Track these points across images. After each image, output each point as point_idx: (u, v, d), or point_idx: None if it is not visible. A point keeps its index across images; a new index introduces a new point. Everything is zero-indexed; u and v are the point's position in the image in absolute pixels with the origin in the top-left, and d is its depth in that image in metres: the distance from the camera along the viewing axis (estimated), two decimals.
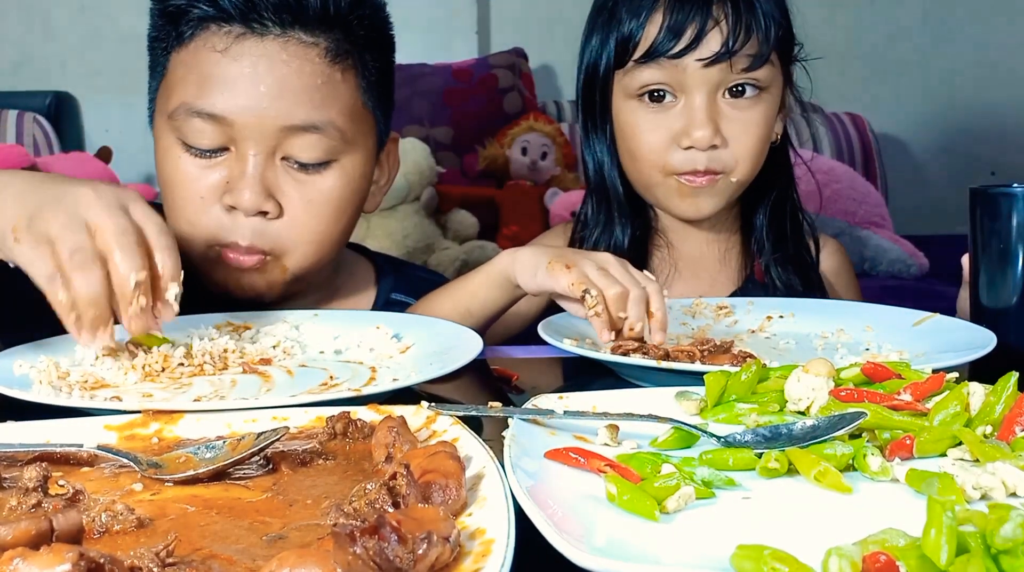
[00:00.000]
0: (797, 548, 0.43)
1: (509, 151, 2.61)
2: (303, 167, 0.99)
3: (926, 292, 2.01)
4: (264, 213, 0.97)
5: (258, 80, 0.95)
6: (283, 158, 0.98)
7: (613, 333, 0.87)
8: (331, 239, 1.03)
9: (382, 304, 1.16)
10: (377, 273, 1.21)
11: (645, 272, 0.92)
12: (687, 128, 1.10)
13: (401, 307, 1.12)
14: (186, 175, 0.98)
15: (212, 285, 1.03)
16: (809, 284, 1.23)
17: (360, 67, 1.02)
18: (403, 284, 1.19)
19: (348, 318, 0.98)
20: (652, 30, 1.10)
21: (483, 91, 2.70)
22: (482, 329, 0.99)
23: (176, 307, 0.79)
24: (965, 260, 0.97)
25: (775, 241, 1.22)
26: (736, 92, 1.11)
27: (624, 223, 1.21)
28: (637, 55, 1.11)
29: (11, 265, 0.79)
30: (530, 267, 0.94)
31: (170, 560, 0.42)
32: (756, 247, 1.23)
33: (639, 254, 1.22)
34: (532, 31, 2.97)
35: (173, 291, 0.78)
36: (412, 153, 2.34)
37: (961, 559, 0.40)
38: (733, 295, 1.22)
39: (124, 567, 0.40)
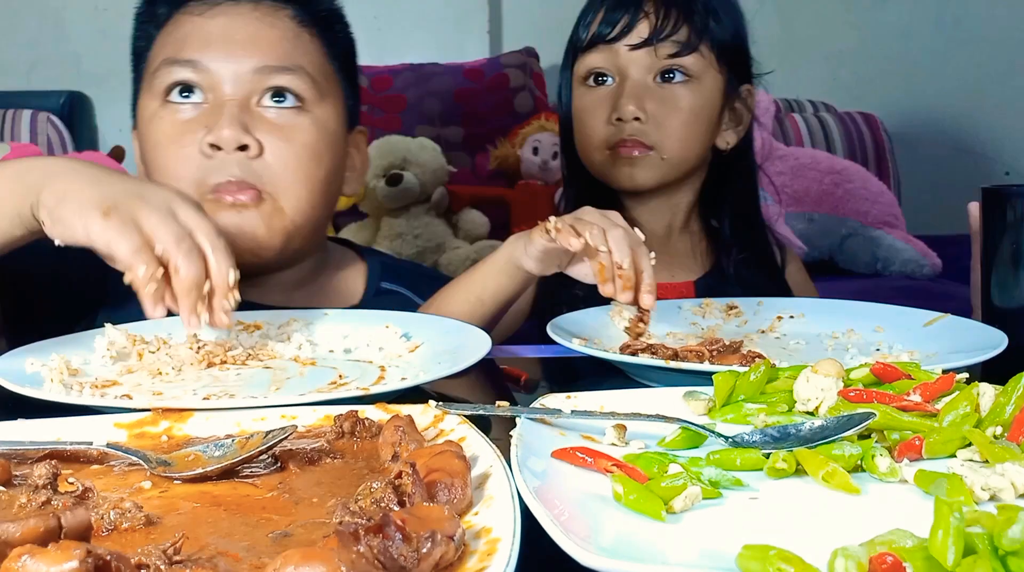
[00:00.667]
0: (804, 549, 0.42)
1: (520, 151, 2.61)
2: (279, 105, 1.03)
3: (939, 292, 2.00)
4: (244, 147, 1.00)
5: (233, 32, 1.03)
6: (259, 101, 1.03)
7: (604, 275, 0.88)
8: (319, 184, 1.05)
9: (373, 292, 1.17)
10: (365, 263, 1.23)
11: (636, 229, 0.94)
12: (617, 103, 1.26)
13: (392, 295, 1.15)
14: (170, 128, 1.02)
15: None
16: (773, 284, 1.32)
17: (325, 37, 1.09)
18: (391, 274, 1.21)
19: (358, 317, 0.98)
20: (595, 25, 1.28)
21: (494, 91, 2.70)
22: (496, 317, 1.03)
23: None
24: (973, 208, 1.00)
25: (740, 246, 1.33)
26: (666, 78, 1.26)
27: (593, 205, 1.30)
28: (583, 45, 1.30)
29: (58, 243, 0.80)
30: (522, 247, 0.98)
31: (177, 558, 0.42)
32: (721, 248, 1.34)
33: None
34: (543, 31, 2.97)
35: (236, 297, 0.81)
36: (423, 153, 2.34)
37: (968, 560, 0.40)
38: (703, 278, 1.32)
39: (131, 564, 0.40)
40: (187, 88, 1.03)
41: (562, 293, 1.16)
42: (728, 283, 1.30)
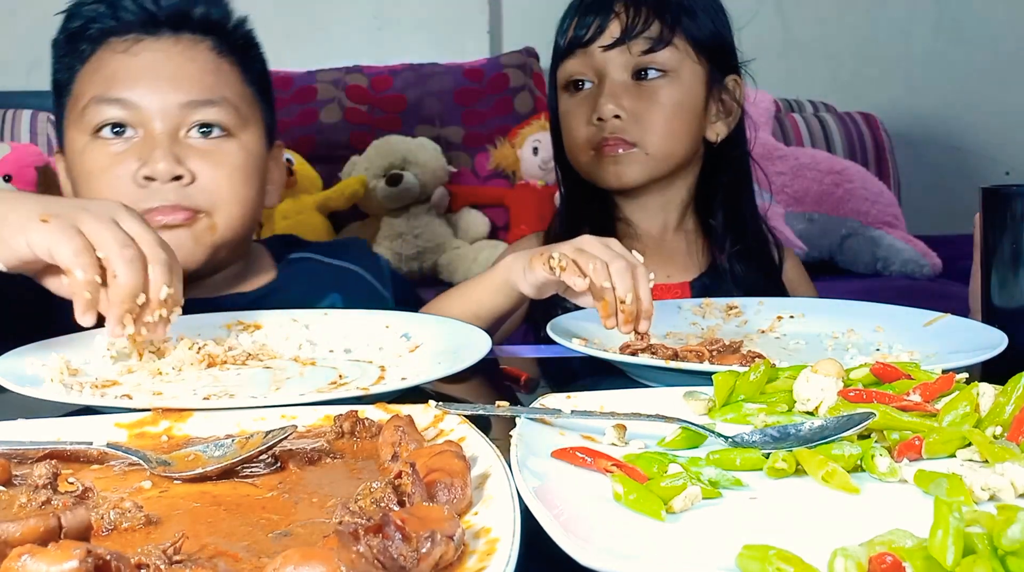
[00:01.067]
0: (804, 549, 0.43)
1: (520, 151, 2.61)
2: (206, 137, 1.08)
3: (939, 292, 1.99)
4: (179, 177, 1.04)
5: (159, 67, 1.08)
6: (187, 133, 1.07)
7: (607, 310, 0.89)
8: (249, 202, 1.11)
9: (284, 264, 1.22)
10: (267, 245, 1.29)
11: (634, 252, 0.95)
12: (595, 103, 1.27)
13: (303, 262, 1.22)
14: (103, 161, 1.06)
15: None
16: (771, 282, 1.32)
17: (242, 65, 1.14)
18: (295, 247, 1.28)
19: (358, 317, 0.98)
20: (571, 30, 1.30)
21: (494, 91, 2.70)
22: (492, 330, 1.02)
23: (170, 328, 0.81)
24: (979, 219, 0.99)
25: (735, 238, 1.33)
26: (642, 75, 1.27)
27: (588, 207, 1.35)
28: (561, 51, 1.32)
29: (1, 267, 0.79)
30: (520, 271, 0.99)
31: (177, 557, 0.42)
32: (716, 241, 1.34)
33: (606, 236, 1.30)
34: (543, 31, 2.95)
35: (177, 313, 0.80)
36: (423, 153, 2.35)
37: (968, 560, 0.40)
38: (699, 278, 1.32)
39: (131, 564, 0.40)
40: (118, 124, 1.07)
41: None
42: (724, 281, 1.30)
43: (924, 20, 3.19)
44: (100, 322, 0.78)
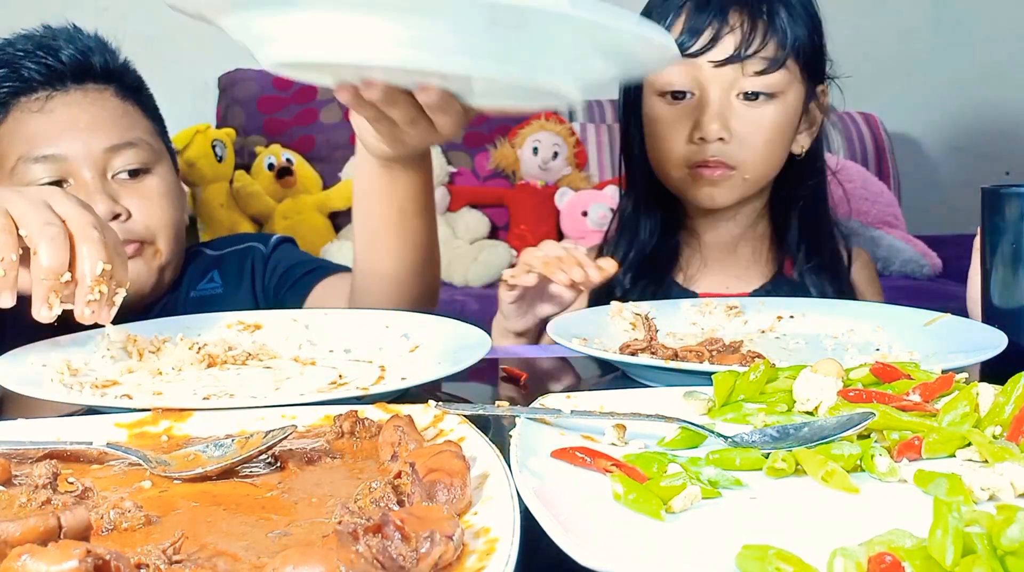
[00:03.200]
0: (803, 548, 0.43)
1: (520, 150, 2.61)
2: (132, 175, 1.18)
3: (939, 292, 2.00)
4: (117, 216, 1.14)
5: (76, 119, 1.16)
6: (113, 176, 1.17)
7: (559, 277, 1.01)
8: (179, 223, 1.23)
9: (191, 256, 1.31)
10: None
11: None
12: (699, 121, 1.19)
13: (191, 258, 1.30)
14: None
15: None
16: (841, 292, 1.28)
17: (141, 106, 1.25)
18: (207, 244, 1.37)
19: (357, 317, 0.99)
20: (674, 32, 1.19)
21: None
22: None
23: (115, 310, 0.80)
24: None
25: (808, 250, 1.28)
26: (749, 96, 1.19)
27: (653, 213, 1.30)
28: None
29: None
30: (502, 318, 1.13)
31: (177, 557, 0.42)
32: (789, 253, 1.29)
33: (669, 245, 1.30)
34: None
35: (121, 294, 0.79)
36: None
37: (967, 560, 0.40)
38: (761, 289, 1.27)
39: (131, 564, 0.41)
40: (52, 181, 1.13)
41: None
42: (785, 293, 1.24)
43: (924, 20, 3.20)
44: (96, 325, 0.78)
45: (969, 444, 0.58)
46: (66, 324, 0.79)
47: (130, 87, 1.24)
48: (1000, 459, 0.54)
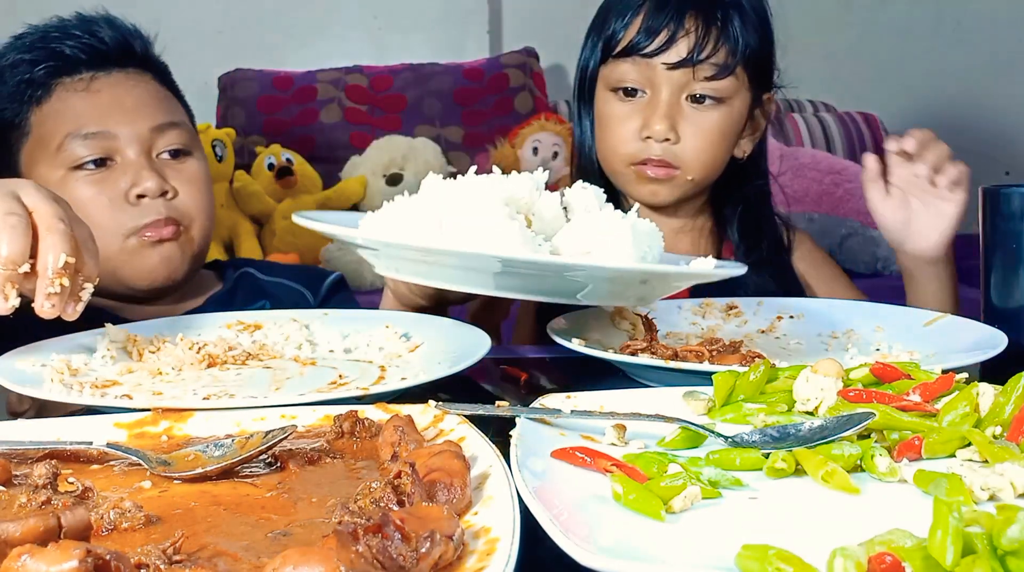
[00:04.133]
0: (803, 548, 0.43)
1: (520, 151, 2.61)
2: (175, 156, 1.19)
3: None
4: (166, 193, 1.15)
5: (122, 100, 1.17)
6: (158, 155, 1.18)
7: None
8: (213, 214, 1.24)
9: (236, 277, 1.31)
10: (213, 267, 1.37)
11: None
12: (648, 120, 1.22)
13: (240, 278, 1.30)
14: (88, 191, 1.13)
15: (128, 280, 1.15)
16: (784, 285, 1.30)
17: (174, 92, 1.26)
18: (244, 262, 1.38)
19: (357, 317, 0.99)
20: (631, 31, 1.23)
21: (494, 90, 2.70)
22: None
23: (82, 306, 0.79)
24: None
25: (748, 247, 1.31)
26: (697, 100, 1.23)
27: None
28: (616, 51, 1.25)
29: None
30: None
31: (176, 557, 0.42)
32: (729, 247, 1.32)
33: None
34: (543, 31, 2.97)
35: (88, 290, 0.78)
36: (424, 152, 2.35)
37: (967, 560, 0.40)
38: (699, 287, 1.27)
39: (131, 564, 0.41)
40: (101, 158, 1.14)
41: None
42: (730, 287, 1.28)
43: (924, 20, 3.20)
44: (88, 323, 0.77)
45: (969, 444, 0.58)
46: (65, 324, 0.79)
47: (165, 77, 1.26)
48: (1000, 459, 0.54)
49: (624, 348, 0.86)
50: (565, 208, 0.90)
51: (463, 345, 0.84)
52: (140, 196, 1.13)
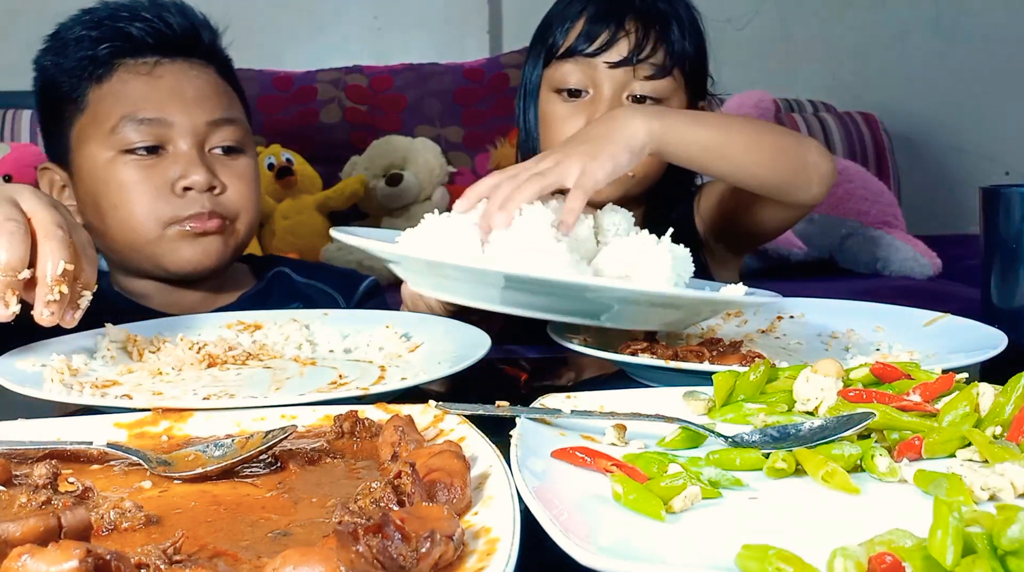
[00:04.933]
0: (803, 548, 0.43)
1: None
2: (227, 152, 1.19)
3: (939, 292, 1.99)
4: (213, 188, 1.15)
5: (182, 89, 1.16)
6: (210, 149, 1.18)
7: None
8: (258, 210, 1.25)
9: (271, 276, 1.32)
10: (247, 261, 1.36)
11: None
12: (591, 119, 1.24)
13: (275, 277, 1.31)
14: (135, 175, 1.13)
15: (169, 266, 1.16)
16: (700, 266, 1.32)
17: (236, 90, 1.26)
18: (273, 262, 1.37)
19: (357, 317, 0.99)
20: (573, 34, 1.29)
21: (494, 90, 2.70)
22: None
23: (80, 314, 0.78)
24: None
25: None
26: (638, 99, 1.27)
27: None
28: (560, 53, 1.30)
29: None
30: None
31: (177, 557, 0.42)
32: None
33: None
34: None
35: (87, 298, 0.78)
36: (424, 153, 2.34)
37: (967, 560, 0.40)
38: None
39: (131, 564, 0.41)
40: (154, 144, 1.14)
41: None
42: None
43: (924, 20, 3.19)
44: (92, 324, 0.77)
45: (969, 444, 0.58)
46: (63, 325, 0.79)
47: (228, 71, 1.25)
48: (1000, 459, 0.54)
49: (624, 348, 0.86)
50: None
51: (463, 345, 0.84)
52: (187, 189, 1.13)
